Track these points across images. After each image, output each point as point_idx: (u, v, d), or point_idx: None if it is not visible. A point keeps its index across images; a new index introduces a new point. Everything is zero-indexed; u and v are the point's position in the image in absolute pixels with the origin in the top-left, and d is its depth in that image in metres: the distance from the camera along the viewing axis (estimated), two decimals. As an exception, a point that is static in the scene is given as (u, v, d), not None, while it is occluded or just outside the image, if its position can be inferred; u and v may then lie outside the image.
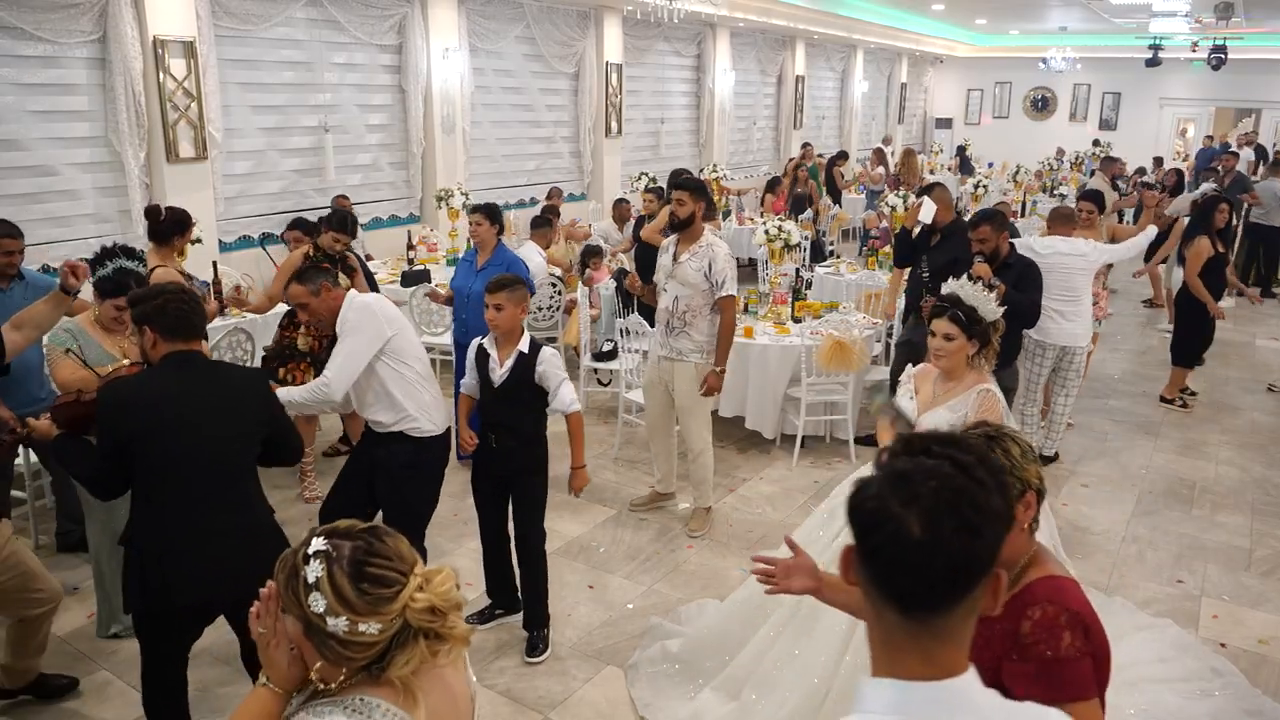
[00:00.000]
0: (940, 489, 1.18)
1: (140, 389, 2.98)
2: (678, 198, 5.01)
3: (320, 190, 9.00)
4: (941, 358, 3.49)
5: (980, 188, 11.89)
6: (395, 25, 9.44)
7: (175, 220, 5.28)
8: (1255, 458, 6.51)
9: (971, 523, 1.17)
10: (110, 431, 2.90)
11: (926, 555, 1.16)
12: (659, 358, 5.23)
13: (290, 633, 1.55)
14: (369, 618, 1.49)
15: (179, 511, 2.92)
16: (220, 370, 3.18)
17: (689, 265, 4.99)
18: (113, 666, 4.01)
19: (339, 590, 1.49)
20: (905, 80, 22.19)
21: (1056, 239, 6.11)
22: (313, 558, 1.51)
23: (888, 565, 1.20)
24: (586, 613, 4.49)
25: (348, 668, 1.54)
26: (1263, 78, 19.69)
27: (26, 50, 6.69)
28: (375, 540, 1.56)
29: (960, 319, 3.45)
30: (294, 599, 1.51)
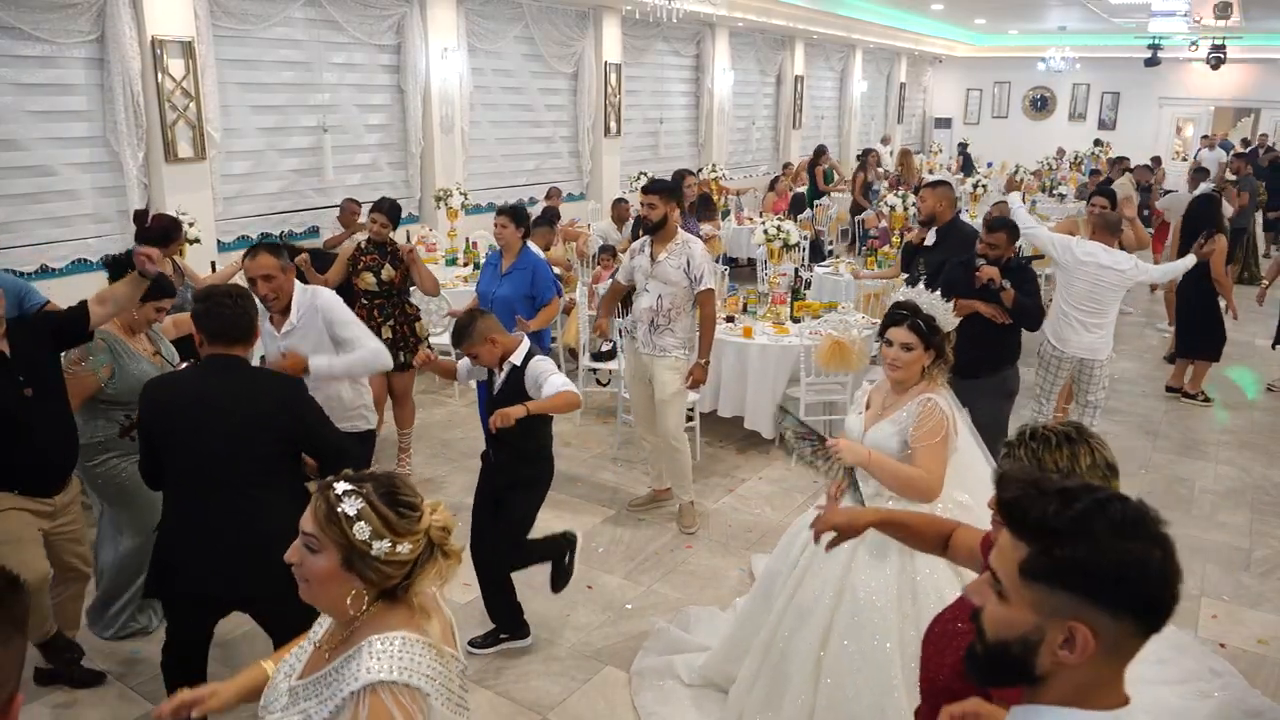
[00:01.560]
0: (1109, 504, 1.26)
1: (168, 387, 3.20)
2: (649, 201, 5.10)
3: (319, 190, 9.00)
4: (898, 368, 3.28)
5: (980, 187, 11.88)
6: (394, 25, 9.43)
7: (160, 229, 5.26)
8: (1255, 457, 6.51)
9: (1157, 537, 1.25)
10: (144, 424, 3.11)
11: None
12: (638, 354, 5.26)
13: (323, 569, 1.75)
14: (405, 538, 1.76)
15: (185, 506, 3.07)
16: (253, 376, 3.22)
17: (668, 264, 5.06)
18: (111, 667, 4.01)
19: (383, 516, 1.75)
20: (904, 80, 22.18)
21: (1098, 247, 5.84)
22: (345, 496, 1.75)
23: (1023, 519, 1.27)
24: (585, 613, 4.49)
25: (383, 587, 1.78)
26: (1262, 77, 19.69)
27: (25, 50, 6.68)
28: (391, 476, 1.83)
29: (921, 328, 3.25)
30: (338, 531, 1.73)
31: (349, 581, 1.76)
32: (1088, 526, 1.22)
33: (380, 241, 5.78)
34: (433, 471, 6.07)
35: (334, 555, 1.74)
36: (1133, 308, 10.64)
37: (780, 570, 3.53)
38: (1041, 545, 1.25)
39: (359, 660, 1.71)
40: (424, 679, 1.71)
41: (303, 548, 1.78)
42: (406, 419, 6.00)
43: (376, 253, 5.75)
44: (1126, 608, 1.22)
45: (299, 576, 1.80)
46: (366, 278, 5.68)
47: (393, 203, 5.93)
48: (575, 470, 6.17)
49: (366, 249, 5.79)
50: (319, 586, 1.78)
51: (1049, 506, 1.25)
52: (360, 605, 1.78)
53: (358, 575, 1.75)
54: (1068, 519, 1.23)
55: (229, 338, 3.10)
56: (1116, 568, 1.21)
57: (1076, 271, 5.73)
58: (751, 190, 14.61)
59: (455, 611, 4.35)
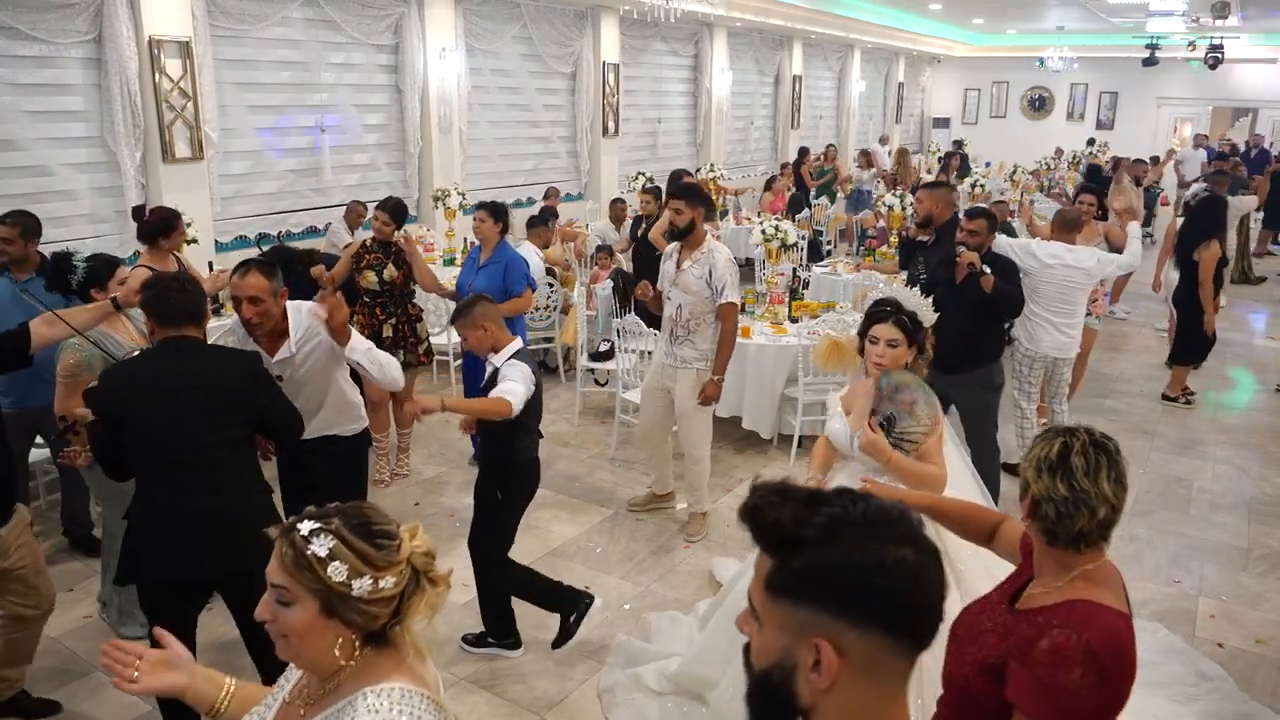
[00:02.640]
0: (858, 508, 1.14)
1: (124, 372, 3.15)
2: (675, 206, 4.94)
3: (317, 190, 8.99)
4: (883, 365, 3.30)
5: (978, 187, 11.88)
6: (392, 25, 9.43)
7: (159, 220, 5.26)
8: (1253, 458, 6.51)
9: (800, 517, 1.13)
10: (103, 412, 3.06)
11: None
12: (663, 364, 5.19)
13: (301, 621, 1.57)
14: (387, 571, 1.58)
15: (151, 490, 3.09)
16: (209, 354, 3.22)
17: (691, 273, 4.93)
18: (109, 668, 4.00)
19: (359, 551, 1.57)
20: (903, 80, 22.19)
21: (1061, 247, 5.83)
22: (313, 536, 1.57)
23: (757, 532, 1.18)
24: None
25: (371, 629, 1.60)
26: (1260, 77, 19.70)
27: (22, 50, 6.68)
28: (359, 506, 1.66)
29: (905, 324, 3.29)
30: (311, 576, 1.55)
31: (333, 630, 1.58)
32: (832, 532, 1.09)
33: (384, 240, 5.79)
34: (432, 471, 6.06)
35: (311, 604, 1.56)
36: (1131, 308, 10.65)
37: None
38: (780, 556, 1.12)
39: (350, 715, 1.56)
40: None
41: (273, 603, 1.59)
42: (407, 419, 6.00)
43: (380, 251, 5.76)
44: (872, 618, 1.08)
45: (275, 634, 1.61)
46: (369, 276, 5.69)
47: (397, 201, 5.93)
48: (573, 470, 6.17)
49: (370, 248, 5.80)
50: (300, 641, 1.59)
51: (787, 513, 1.11)
52: (350, 653, 1.60)
53: (341, 621, 1.58)
54: (812, 526, 1.09)
55: (179, 320, 3.11)
56: (856, 573, 1.07)
57: (1043, 275, 5.68)
58: (750, 190, 14.61)
59: (453, 611, 4.40)
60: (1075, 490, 1.90)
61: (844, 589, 1.08)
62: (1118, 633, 1.86)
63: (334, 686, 1.62)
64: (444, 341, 7.49)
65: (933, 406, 3.19)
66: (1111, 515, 1.93)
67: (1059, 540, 1.94)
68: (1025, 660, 1.87)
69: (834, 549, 1.08)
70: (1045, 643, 1.84)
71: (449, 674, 3.97)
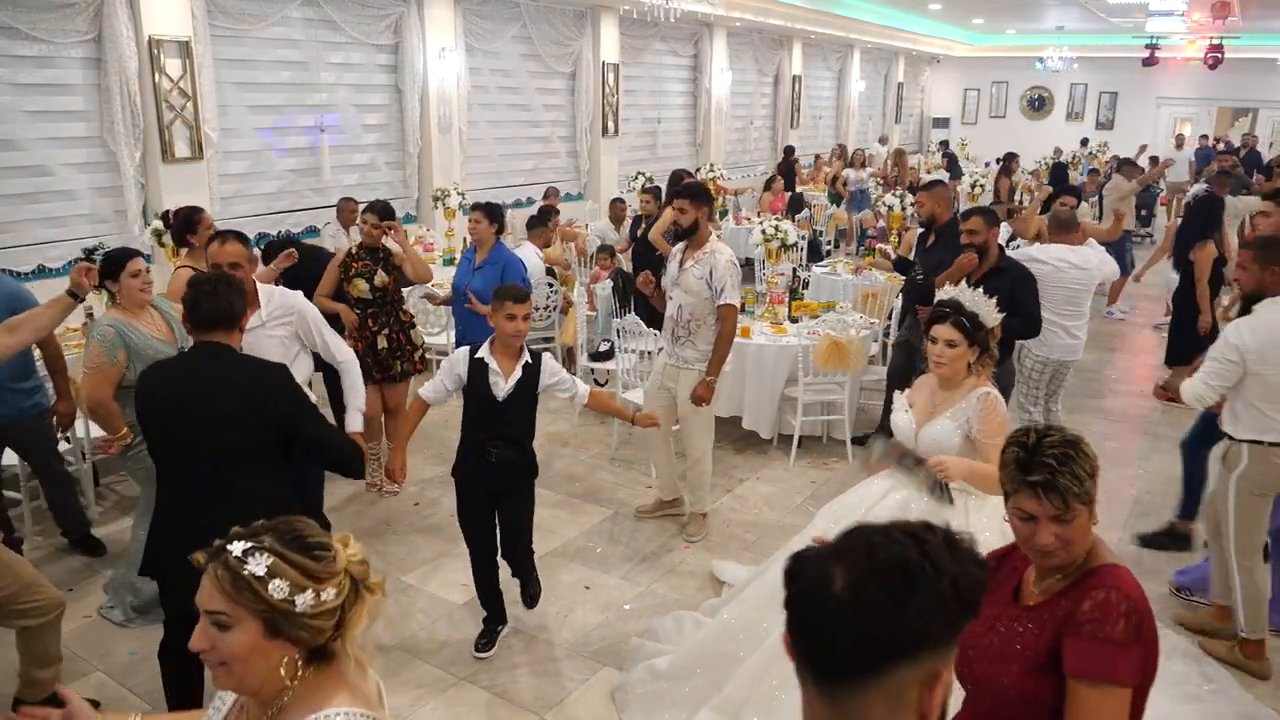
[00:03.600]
0: (879, 550, 1.10)
1: (157, 374, 3.23)
2: (679, 205, 4.90)
3: (317, 190, 8.99)
4: (942, 365, 3.36)
5: (977, 187, 11.89)
6: (391, 25, 9.43)
7: (181, 219, 5.26)
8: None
9: (899, 595, 1.07)
10: (139, 409, 3.17)
11: (839, 612, 1.08)
12: (665, 364, 5.18)
13: (243, 645, 1.53)
14: (327, 582, 1.56)
15: (170, 491, 3.15)
16: (240, 364, 3.23)
17: (692, 273, 4.91)
18: (108, 668, 4.01)
19: (298, 565, 1.54)
20: (902, 80, 22.20)
21: (1063, 249, 5.78)
22: (248, 555, 1.53)
23: (801, 616, 1.12)
24: (583, 614, 4.48)
25: (316, 644, 1.57)
26: (1259, 77, 19.71)
27: (21, 50, 6.68)
28: (287, 521, 1.63)
29: (964, 325, 3.32)
30: (251, 597, 1.51)
31: (277, 650, 1.54)
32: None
33: (373, 246, 5.56)
34: (432, 472, 6.05)
35: (253, 626, 1.52)
36: (1129, 307, 10.64)
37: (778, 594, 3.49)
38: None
39: None
40: None
41: (210, 628, 1.54)
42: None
43: (369, 258, 5.53)
44: (790, 624, 1.16)
45: (212, 662, 1.55)
46: (359, 284, 5.47)
47: (385, 204, 5.70)
48: (573, 470, 6.16)
49: (358, 254, 5.55)
50: (243, 666, 1.54)
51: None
52: (294, 673, 1.56)
53: (286, 639, 1.54)
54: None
55: (208, 325, 3.14)
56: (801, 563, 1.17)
57: (1053, 279, 5.61)
58: (749, 190, 14.62)
59: (453, 611, 4.41)
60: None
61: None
62: (1139, 588, 1.98)
63: (276, 711, 1.57)
64: (443, 341, 7.49)
65: (1000, 407, 3.27)
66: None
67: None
68: (1072, 628, 1.94)
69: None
70: (1087, 604, 1.93)
71: (449, 674, 3.97)
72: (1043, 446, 1.99)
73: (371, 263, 5.53)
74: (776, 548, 4.56)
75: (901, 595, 1.06)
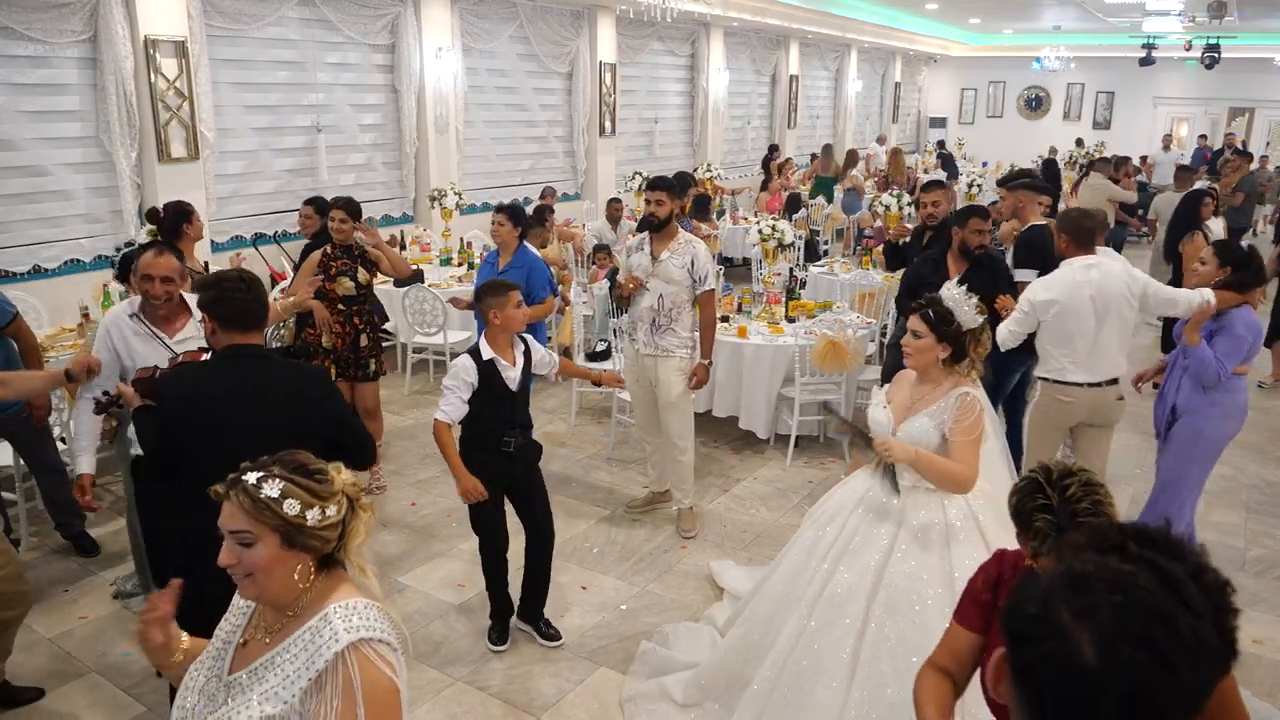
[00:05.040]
0: (1128, 604, 0.94)
1: (190, 383, 3.03)
2: (657, 198, 5.03)
3: (313, 190, 8.96)
4: (909, 355, 3.39)
5: (974, 187, 11.88)
6: (388, 25, 9.42)
7: (176, 212, 5.28)
8: (1249, 457, 6.51)
9: (1166, 654, 0.92)
10: (160, 421, 2.98)
11: (1094, 686, 0.92)
12: (640, 355, 5.20)
13: (266, 556, 1.79)
14: (329, 501, 1.84)
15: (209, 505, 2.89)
16: (276, 369, 3.09)
17: (671, 263, 5.02)
18: (103, 669, 3.99)
19: (305, 487, 1.82)
20: (899, 79, 22.20)
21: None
22: (262, 482, 1.81)
23: (1043, 690, 0.97)
24: (580, 614, 4.48)
25: (324, 553, 1.86)
26: (1256, 76, 19.73)
27: (17, 50, 6.66)
28: (290, 454, 1.91)
29: (930, 317, 3.33)
30: (270, 514, 1.79)
31: (293, 559, 1.82)
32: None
33: (346, 244, 5.52)
34: (427, 473, 6.05)
35: (272, 540, 1.79)
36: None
37: (805, 566, 3.50)
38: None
39: (327, 628, 1.76)
40: (393, 636, 1.81)
41: (235, 546, 1.81)
42: (378, 432, 5.84)
43: (345, 256, 5.50)
44: (1022, 691, 1.06)
45: (238, 574, 1.82)
46: (344, 282, 5.46)
47: (349, 199, 5.62)
48: (570, 471, 6.16)
49: (334, 253, 5.51)
50: (265, 575, 1.81)
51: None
52: (308, 576, 1.85)
53: (300, 549, 1.82)
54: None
55: (244, 324, 2.99)
56: (1033, 624, 1.05)
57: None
58: (747, 190, 14.62)
59: (449, 612, 4.40)
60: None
61: None
62: None
63: (296, 613, 1.83)
64: (441, 341, 7.48)
65: (976, 407, 3.23)
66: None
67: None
68: None
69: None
70: None
71: (444, 674, 3.96)
72: (1069, 502, 1.99)
73: (350, 260, 5.51)
74: (774, 548, 4.57)
75: (1171, 658, 0.92)
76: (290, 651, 1.79)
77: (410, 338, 7.71)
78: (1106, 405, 4.61)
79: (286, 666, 1.78)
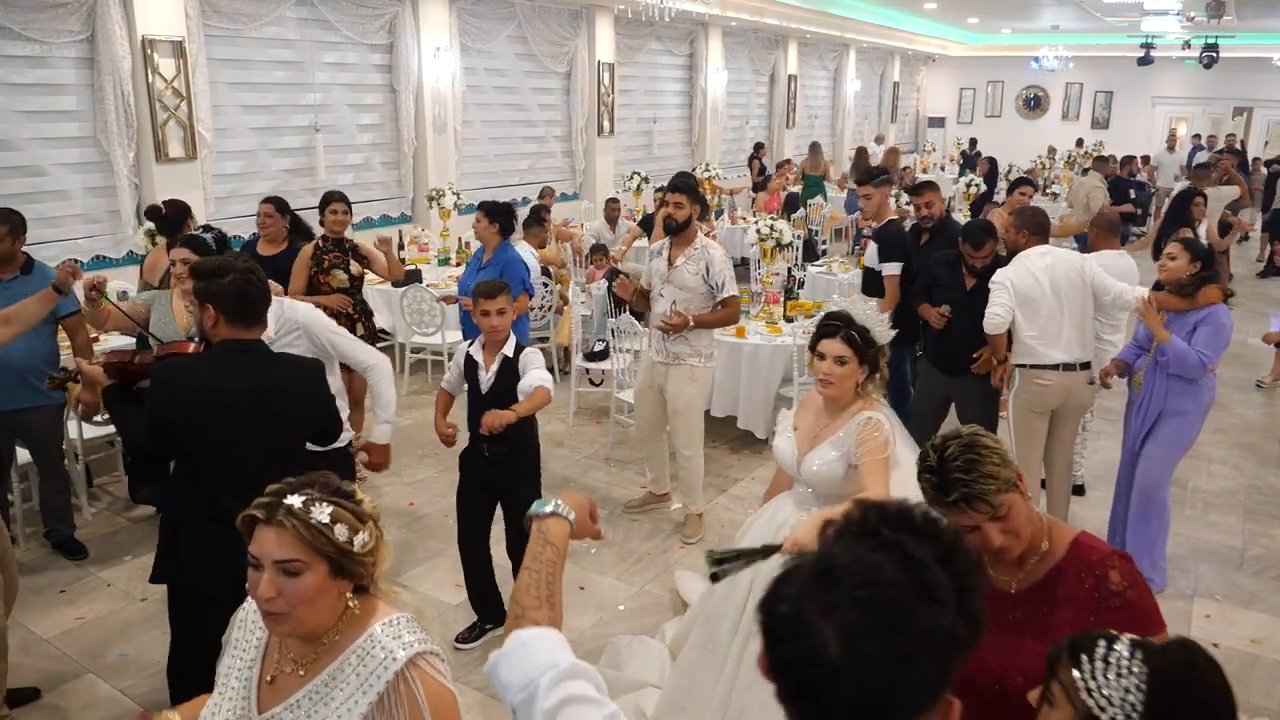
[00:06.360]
0: (870, 601, 0.95)
1: (192, 376, 2.91)
2: (676, 200, 4.93)
3: (311, 190, 8.95)
4: (830, 384, 3.05)
5: (973, 186, 11.87)
6: (386, 24, 9.41)
7: (178, 209, 5.35)
8: (1248, 457, 6.51)
9: (900, 651, 0.94)
10: (156, 413, 2.87)
11: (837, 684, 0.94)
12: (653, 362, 5.16)
13: (311, 587, 1.69)
14: (366, 525, 1.77)
15: (209, 499, 2.85)
16: (279, 365, 3.04)
17: (686, 269, 4.92)
18: (99, 670, 3.98)
19: (351, 510, 1.75)
20: (898, 79, 22.21)
21: (1112, 254, 5.67)
22: (310, 506, 1.70)
23: (795, 687, 0.99)
24: (578, 615, 4.47)
25: (364, 580, 1.80)
26: (1255, 76, 19.75)
27: (14, 50, 6.65)
28: (320, 475, 1.81)
29: (855, 340, 3.04)
30: (325, 541, 1.69)
31: (337, 587, 1.75)
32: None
33: (338, 237, 5.62)
34: (424, 473, 6.04)
35: (322, 568, 1.70)
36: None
37: (726, 612, 3.29)
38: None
39: (378, 648, 1.72)
40: (437, 645, 1.79)
41: (278, 577, 1.68)
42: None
43: (336, 249, 5.60)
44: (781, 689, 1.05)
45: (275, 609, 1.69)
46: (338, 275, 5.54)
47: (343, 195, 5.85)
48: (568, 471, 6.15)
49: (325, 247, 5.61)
50: (307, 608, 1.70)
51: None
52: (345, 606, 1.78)
53: (345, 577, 1.75)
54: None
55: (251, 318, 2.91)
56: (785, 624, 1.03)
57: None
58: (745, 190, 14.62)
59: (447, 612, 4.40)
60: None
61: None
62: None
63: (333, 640, 1.75)
64: (439, 341, 7.48)
65: (879, 429, 3.01)
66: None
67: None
68: (1113, 600, 1.95)
69: None
70: (1114, 575, 1.96)
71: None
72: (946, 462, 1.96)
73: (341, 254, 5.60)
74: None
75: (907, 653, 0.94)
76: (340, 677, 1.73)
77: (408, 338, 7.70)
78: (1079, 389, 4.91)
79: (339, 694, 1.72)
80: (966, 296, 5.08)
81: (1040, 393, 4.84)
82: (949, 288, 5.24)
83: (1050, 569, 2.04)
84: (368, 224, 9.59)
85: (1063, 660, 1.50)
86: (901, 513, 1.04)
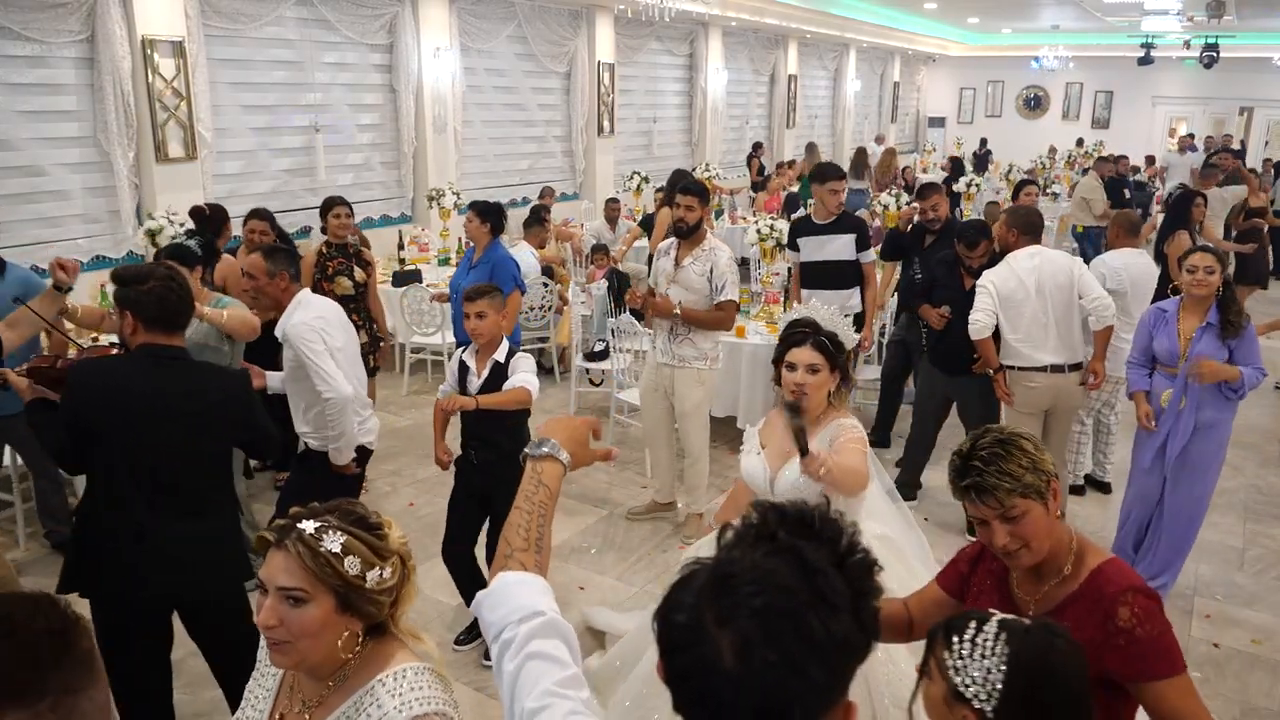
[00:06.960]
0: (765, 609, 0.95)
1: (109, 378, 2.86)
2: (687, 203, 4.90)
3: (311, 190, 8.96)
4: (807, 396, 2.91)
5: (973, 186, 11.87)
6: (386, 24, 9.41)
7: (220, 212, 5.58)
8: (1248, 457, 6.51)
9: (794, 658, 0.94)
10: (73, 411, 2.80)
11: (733, 692, 0.94)
12: (659, 365, 5.16)
13: (314, 620, 1.58)
14: (387, 561, 1.64)
15: (124, 506, 2.81)
16: (198, 372, 3.01)
17: (692, 270, 4.92)
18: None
19: (368, 543, 1.62)
20: (898, 79, 22.21)
21: (1133, 254, 5.61)
22: (322, 533, 1.59)
23: (693, 696, 0.98)
24: (576, 615, 4.46)
25: (377, 620, 1.66)
26: (1255, 76, 19.74)
27: (14, 50, 6.65)
28: (343, 501, 1.69)
29: (826, 347, 2.93)
30: (331, 573, 1.57)
31: (343, 624, 1.62)
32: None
33: (342, 243, 5.61)
34: (425, 473, 6.04)
35: (327, 601, 1.58)
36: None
37: (643, 672, 3.11)
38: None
39: (374, 706, 1.59)
40: (445, 704, 1.64)
41: (280, 605, 1.58)
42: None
43: (340, 255, 5.61)
44: (677, 698, 1.06)
45: (277, 638, 1.59)
46: (342, 282, 5.53)
47: (339, 197, 5.87)
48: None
49: (330, 252, 5.61)
50: (310, 642, 1.59)
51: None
52: (353, 646, 1.65)
53: (354, 614, 1.62)
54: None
55: (170, 325, 2.86)
56: (681, 633, 1.02)
57: (1133, 292, 5.47)
58: (745, 189, 14.61)
59: (445, 613, 4.38)
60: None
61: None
62: (1134, 572, 2.02)
63: (339, 683, 1.64)
64: (438, 341, 7.47)
65: (854, 429, 2.97)
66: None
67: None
68: (1120, 636, 1.88)
69: None
70: (1125, 610, 1.88)
71: (443, 676, 3.95)
72: (975, 450, 1.95)
73: (345, 259, 5.59)
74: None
75: (799, 661, 0.94)
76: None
77: (408, 338, 7.70)
78: (1069, 391, 4.89)
79: None
80: (965, 297, 5.07)
81: (1029, 394, 4.85)
82: (948, 289, 5.26)
83: (1066, 595, 1.98)
84: (367, 224, 9.58)
85: (939, 638, 1.62)
86: (799, 516, 1.04)
